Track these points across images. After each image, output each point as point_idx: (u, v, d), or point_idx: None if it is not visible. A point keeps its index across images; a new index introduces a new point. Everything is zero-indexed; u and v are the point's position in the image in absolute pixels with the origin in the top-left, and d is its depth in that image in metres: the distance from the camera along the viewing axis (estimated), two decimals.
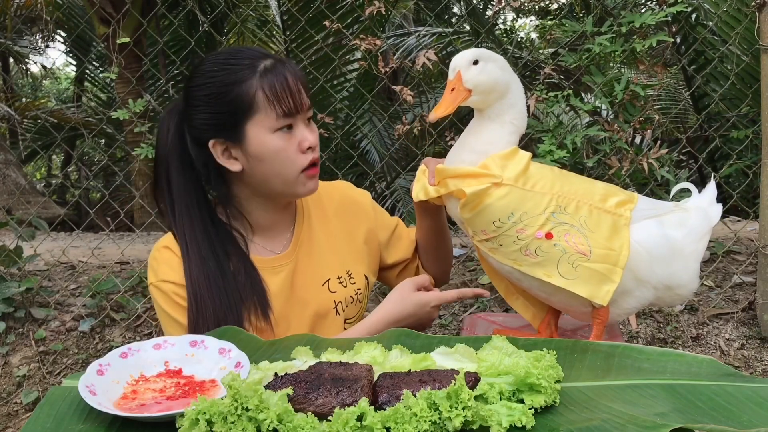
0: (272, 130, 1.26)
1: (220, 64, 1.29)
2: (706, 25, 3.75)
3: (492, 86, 1.21)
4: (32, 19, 6.89)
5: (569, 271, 1.17)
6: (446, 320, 2.84)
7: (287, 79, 1.26)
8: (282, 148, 1.27)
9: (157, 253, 1.35)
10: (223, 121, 1.27)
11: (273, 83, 1.25)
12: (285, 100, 1.25)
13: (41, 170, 9.93)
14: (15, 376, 2.79)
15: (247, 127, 1.27)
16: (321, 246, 1.43)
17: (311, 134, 1.30)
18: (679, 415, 0.82)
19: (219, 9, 4.04)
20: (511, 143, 1.24)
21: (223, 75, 1.27)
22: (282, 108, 1.25)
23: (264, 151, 1.27)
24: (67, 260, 3.37)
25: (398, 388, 0.86)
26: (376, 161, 5.31)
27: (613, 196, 1.22)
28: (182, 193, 1.33)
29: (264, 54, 1.30)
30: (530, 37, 7.13)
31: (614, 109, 2.60)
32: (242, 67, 1.26)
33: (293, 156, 1.28)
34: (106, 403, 0.89)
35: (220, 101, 1.27)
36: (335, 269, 1.42)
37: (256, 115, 1.26)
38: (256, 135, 1.27)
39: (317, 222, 1.45)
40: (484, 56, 1.22)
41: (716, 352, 2.55)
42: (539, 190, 1.19)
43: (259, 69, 1.26)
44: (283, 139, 1.27)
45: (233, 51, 1.33)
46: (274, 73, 1.26)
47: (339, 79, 5.17)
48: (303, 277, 1.39)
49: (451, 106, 1.21)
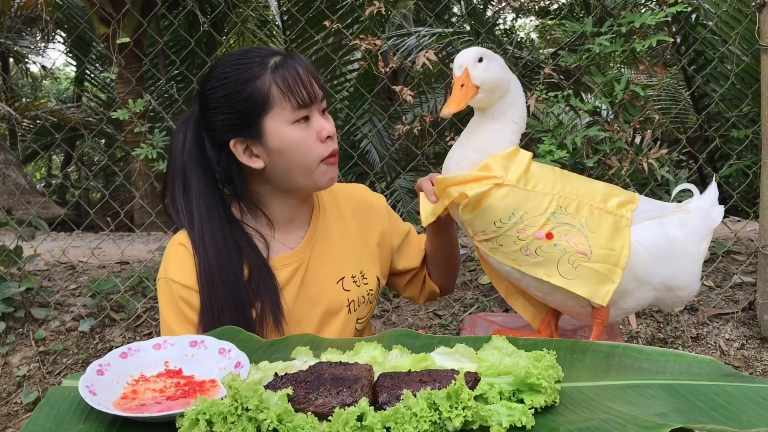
0: (290, 122, 1.28)
1: (232, 65, 1.31)
2: (706, 25, 3.75)
3: (497, 84, 1.22)
4: (32, 19, 6.89)
5: (569, 271, 1.17)
6: (446, 320, 2.84)
7: (298, 72, 1.28)
8: (302, 139, 1.29)
9: (172, 250, 1.35)
10: (241, 120, 1.29)
11: (285, 76, 1.27)
12: (298, 92, 1.27)
13: (41, 170, 9.94)
14: (15, 376, 2.79)
15: (264, 122, 1.29)
16: (336, 244, 1.44)
17: (328, 123, 1.32)
18: (679, 415, 0.82)
19: (219, 9, 4.05)
20: (513, 142, 1.24)
21: (236, 74, 1.29)
22: (296, 99, 1.27)
23: (284, 144, 1.29)
24: (67, 260, 3.37)
25: (398, 388, 0.86)
26: (376, 161, 5.31)
27: (614, 196, 1.22)
28: (203, 199, 1.34)
29: (273, 51, 1.33)
30: (530, 37, 7.13)
31: (614, 109, 2.60)
32: (253, 65, 1.29)
33: (313, 145, 1.30)
34: (106, 403, 0.89)
35: (236, 100, 1.29)
36: (350, 268, 1.43)
37: (273, 110, 1.28)
38: (274, 129, 1.29)
39: (333, 221, 1.46)
40: (487, 55, 1.22)
41: (716, 352, 2.55)
42: (540, 190, 1.19)
43: (270, 65, 1.29)
44: (301, 130, 1.29)
45: (243, 52, 1.35)
46: (284, 67, 1.28)
47: (339, 79, 5.17)
48: (316, 273, 1.40)
49: (463, 102, 1.20)
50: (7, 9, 5.70)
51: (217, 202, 1.35)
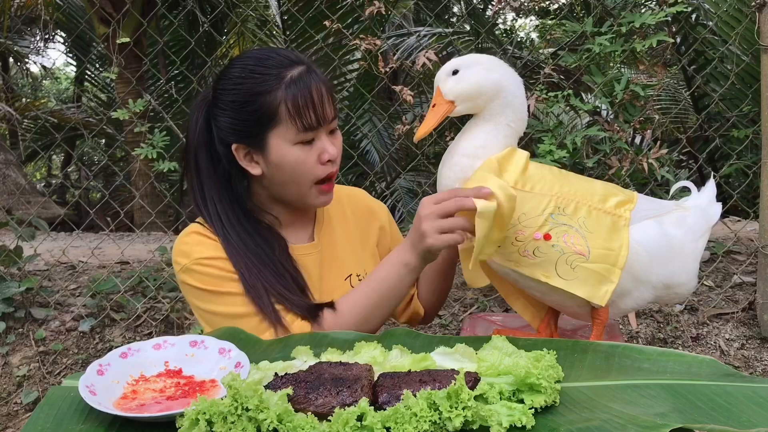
0: (293, 142, 1.27)
1: (248, 71, 1.29)
2: (706, 25, 3.76)
3: (476, 91, 1.21)
4: (32, 19, 6.89)
5: (567, 271, 1.17)
6: (446, 320, 2.84)
7: (311, 93, 1.26)
8: (302, 160, 1.28)
9: (186, 238, 1.34)
10: (246, 129, 1.29)
11: (296, 97, 1.25)
12: (307, 116, 1.25)
13: (41, 170, 9.94)
14: (15, 376, 2.79)
15: (269, 136, 1.28)
16: (341, 242, 1.45)
17: (332, 146, 1.30)
18: (679, 415, 0.82)
19: (219, 9, 4.05)
20: (506, 145, 1.23)
21: (250, 83, 1.28)
22: (303, 123, 1.26)
23: (283, 161, 1.29)
24: (67, 260, 3.37)
25: (398, 388, 0.86)
26: (376, 161, 5.32)
27: (612, 196, 1.22)
28: (211, 183, 1.35)
29: (292, 61, 1.29)
30: (530, 37, 7.13)
31: (614, 109, 2.60)
32: (269, 77, 1.27)
33: (311, 167, 1.29)
34: (106, 403, 0.89)
35: (245, 109, 1.28)
36: (355, 266, 1.44)
37: (278, 127, 1.27)
38: (277, 145, 1.28)
39: (337, 220, 1.47)
40: (465, 63, 1.21)
41: (716, 352, 2.55)
42: (538, 191, 1.19)
43: (286, 80, 1.26)
44: (303, 151, 1.28)
45: (262, 57, 1.32)
46: (299, 86, 1.26)
47: (339, 79, 5.18)
48: (327, 269, 1.41)
49: (431, 123, 1.22)
50: (7, 9, 5.70)
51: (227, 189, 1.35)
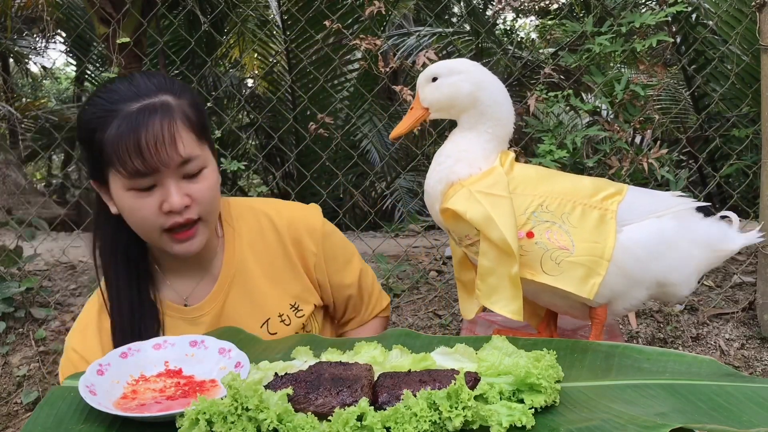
0: (125, 188, 1.12)
1: (92, 101, 1.14)
2: (706, 25, 3.75)
3: (449, 102, 1.22)
4: (32, 19, 6.89)
5: (553, 267, 1.16)
6: (446, 320, 2.84)
7: (140, 135, 1.07)
8: (136, 208, 1.12)
9: (87, 305, 1.28)
10: (91, 165, 1.16)
11: (118, 142, 1.08)
12: (129, 162, 1.08)
13: (41, 170, 9.93)
14: (15, 376, 2.79)
15: (108, 177, 1.14)
16: (257, 284, 1.29)
17: (177, 194, 1.11)
18: (679, 415, 0.82)
19: (219, 9, 4.04)
20: (488, 150, 1.23)
21: (89, 115, 1.13)
22: (126, 170, 1.09)
23: (121, 207, 1.15)
24: (67, 260, 3.37)
25: (398, 388, 0.86)
26: (376, 161, 5.31)
27: (601, 190, 1.21)
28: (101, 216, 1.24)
29: (139, 93, 1.11)
30: (530, 37, 7.13)
31: (614, 109, 2.60)
32: (106, 112, 1.10)
33: (150, 216, 1.12)
34: (106, 403, 0.89)
35: (84, 144, 1.15)
36: (276, 306, 1.30)
37: (111, 169, 1.12)
38: (114, 189, 1.14)
39: (254, 255, 1.30)
40: (444, 71, 1.21)
41: (716, 352, 2.55)
42: (521, 192, 1.19)
43: (118, 118, 1.09)
44: (137, 198, 1.11)
45: (113, 87, 1.15)
46: (128, 126, 1.08)
47: (339, 79, 5.18)
48: (240, 318, 1.27)
49: (406, 125, 1.24)
50: (7, 9, 5.70)
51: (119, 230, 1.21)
